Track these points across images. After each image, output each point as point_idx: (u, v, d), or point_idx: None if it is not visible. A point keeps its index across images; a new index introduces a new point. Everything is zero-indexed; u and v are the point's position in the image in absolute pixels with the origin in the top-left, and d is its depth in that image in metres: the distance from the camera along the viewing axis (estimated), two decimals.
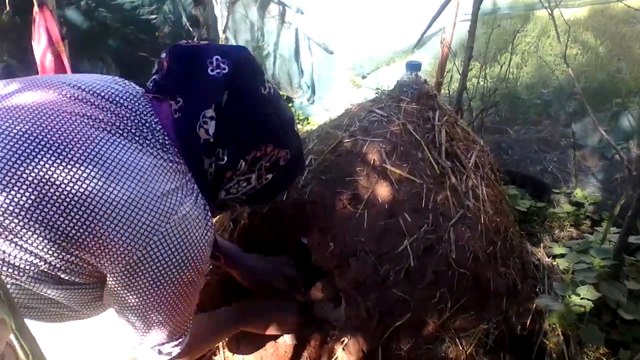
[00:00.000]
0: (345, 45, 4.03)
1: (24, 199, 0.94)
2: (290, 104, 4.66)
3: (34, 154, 0.96)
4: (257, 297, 1.76)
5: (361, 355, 1.55)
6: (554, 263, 2.05)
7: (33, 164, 0.96)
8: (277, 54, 4.62)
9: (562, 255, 2.26)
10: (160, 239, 1.02)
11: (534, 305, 1.79)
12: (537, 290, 1.90)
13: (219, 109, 1.12)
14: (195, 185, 1.13)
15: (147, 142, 1.09)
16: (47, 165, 0.96)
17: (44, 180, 0.95)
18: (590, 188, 3.18)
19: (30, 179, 0.95)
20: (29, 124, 1.00)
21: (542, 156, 3.52)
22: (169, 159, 1.09)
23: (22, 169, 0.95)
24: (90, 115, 1.06)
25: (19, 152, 0.96)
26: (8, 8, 3.74)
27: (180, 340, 1.23)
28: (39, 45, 2.77)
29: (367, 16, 4.00)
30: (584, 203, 3.06)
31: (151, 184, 1.03)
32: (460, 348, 1.57)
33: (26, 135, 0.98)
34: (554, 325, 1.83)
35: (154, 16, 4.40)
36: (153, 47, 4.41)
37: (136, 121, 1.11)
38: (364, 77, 4.26)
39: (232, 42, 4.67)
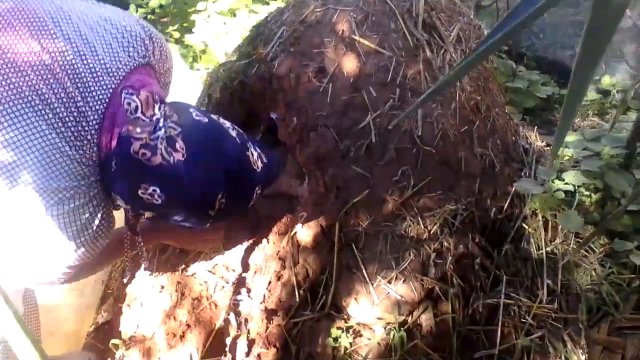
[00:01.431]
0: None
1: None
2: None
3: None
4: None
5: (319, 229, 1.54)
6: (547, 149, 1.94)
7: None
8: None
9: (573, 144, 2.15)
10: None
11: (514, 188, 1.72)
12: (523, 174, 1.82)
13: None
14: (95, 191, 1.11)
15: (65, 132, 1.04)
16: None
17: None
18: (621, 74, 2.95)
19: None
20: None
21: (575, 41, 3.27)
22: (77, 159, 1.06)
23: None
24: (36, 89, 1.02)
25: None
26: None
27: None
28: None
29: None
30: (611, 90, 2.86)
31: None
32: (422, 227, 1.53)
33: None
34: (536, 211, 1.77)
35: None
36: None
37: (73, 109, 1.05)
38: None
39: None
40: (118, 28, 1.16)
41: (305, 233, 1.56)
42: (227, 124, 1.29)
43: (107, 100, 1.08)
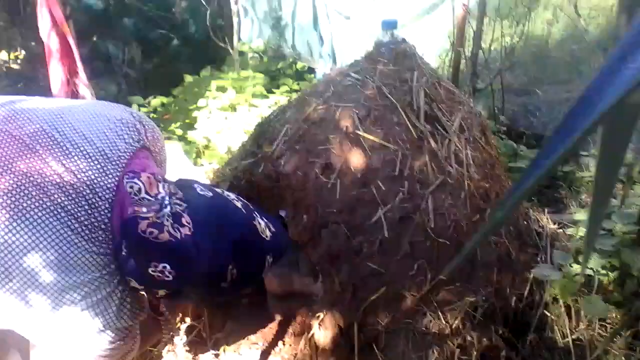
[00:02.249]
0: (363, 10, 3.89)
1: None
2: (312, 75, 4.56)
3: None
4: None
5: (337, 330, 1.49)
6: (559, 231, 1.90)
7: None
8: (295, 23, 4.52)
9: (585, 222, 2.11)
10: None
11: (532, 275, 1.67)
12: (539, 259, 1.77)
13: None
14: (118, 277, 1.11)
15: (78, 227, 1.05)
16: None
17: None
18: None
19: None
20: None
21: None
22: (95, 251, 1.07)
23: None
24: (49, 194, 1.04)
25: None
26: None
27: None
28: (43, 27, 2.77)
29: None
30: None
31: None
32: (444, 322, 1.48)
33: None
34: (557, 296, 1.71)
35: None
36: (171, 23, 4.40)
37: (83, 203, 1.06)
38: None
39: (251, 12, 4.59)
40: (109, 119, 1.19)
41: (322, 334, 1.50)
42: (232, 195, 1.33)
43: (114, 188, 1.10)
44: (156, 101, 4.04)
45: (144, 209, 1.10)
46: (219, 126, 3.33)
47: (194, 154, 3.42)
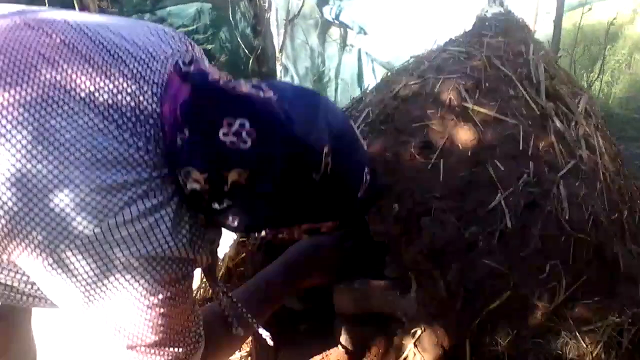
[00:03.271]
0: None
1: None
2: None
3: None
4: None
5: (440, 352, 1.12)
6: None
7: None
8: (339, 79, 4.36)
9: None
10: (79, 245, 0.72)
11: None
12: None
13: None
14: (170, 188, 0.79)
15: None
16: None
17: None
18: None
19: None
20: None
21: None
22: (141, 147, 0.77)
23: None
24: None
25: None
26: None
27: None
28: None
29: (430, 31, 3.71)
30: None
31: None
32: (584, 345, 1.11)
33: None
34: None
35: (210, 46, 4.27)
36: None
37: (127, 99, 0.79)
38: None
39: (292, 70, 4.45)
40: (150, 27, 0.93)
41: (420, 359, 1.13)
42: None
43: (162, 83, 0.82)
44: None
45: (215, 70, 0.85)
46: None
47: None
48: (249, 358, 1.47)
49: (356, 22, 4.07)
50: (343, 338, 1.35)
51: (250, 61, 4.08)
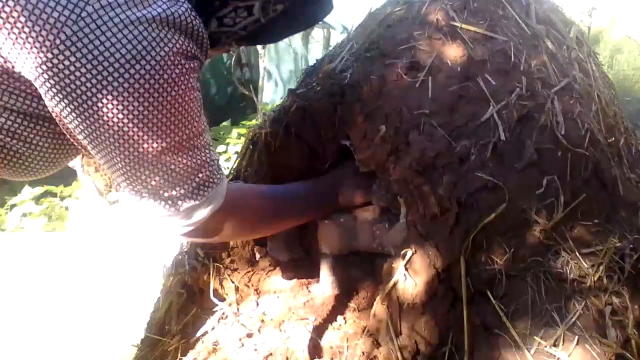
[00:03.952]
0: None
1: None
2: None
3: None
4: None
5: (433, 274, 1.03)
6: None
7: None
8: None
9: None
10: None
11: None
12: None
13: None
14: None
15: None
16: None
17: None
18: None
19: None
20: None
21: None
22: None
23: None
24: None
25: None
26: None
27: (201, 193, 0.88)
28: None
29: None
30: None
31: None
32: (585, 266, 1.02)
33: None
34: None
35: None
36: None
37: None
38: None
39: (275, 73, 4.38)
40: None
41: (410, 284, 1.04)
42: None
43: None
44: None
45: None
46: None
47: None
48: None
49: (340, 22, 4.04)
50: (329, 280, 1.26)
51: (232, 67, 4.02)
